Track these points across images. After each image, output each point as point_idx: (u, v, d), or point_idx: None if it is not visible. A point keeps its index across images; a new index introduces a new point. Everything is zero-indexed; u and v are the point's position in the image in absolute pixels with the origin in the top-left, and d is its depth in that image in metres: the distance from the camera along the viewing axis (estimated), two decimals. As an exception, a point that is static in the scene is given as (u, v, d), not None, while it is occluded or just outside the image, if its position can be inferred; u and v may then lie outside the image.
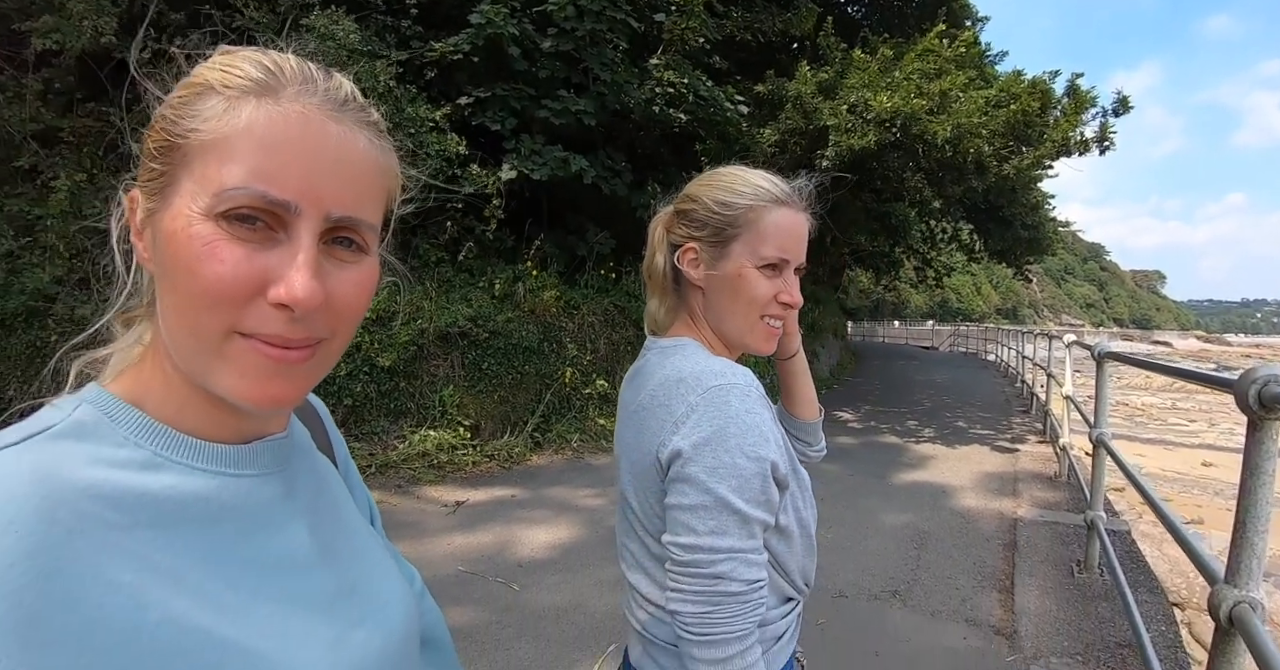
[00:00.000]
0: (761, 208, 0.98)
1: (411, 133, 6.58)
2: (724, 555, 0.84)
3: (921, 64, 8.54)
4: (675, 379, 0.93)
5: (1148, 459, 11.68)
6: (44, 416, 0.46)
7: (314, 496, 0.60)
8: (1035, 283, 77.16)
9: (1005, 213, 13.78)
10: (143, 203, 0.49)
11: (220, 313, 0.45)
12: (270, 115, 0.47)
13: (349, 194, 0.49)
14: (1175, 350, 56.16)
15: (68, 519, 0.40)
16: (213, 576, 0.47)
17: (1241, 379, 1.49)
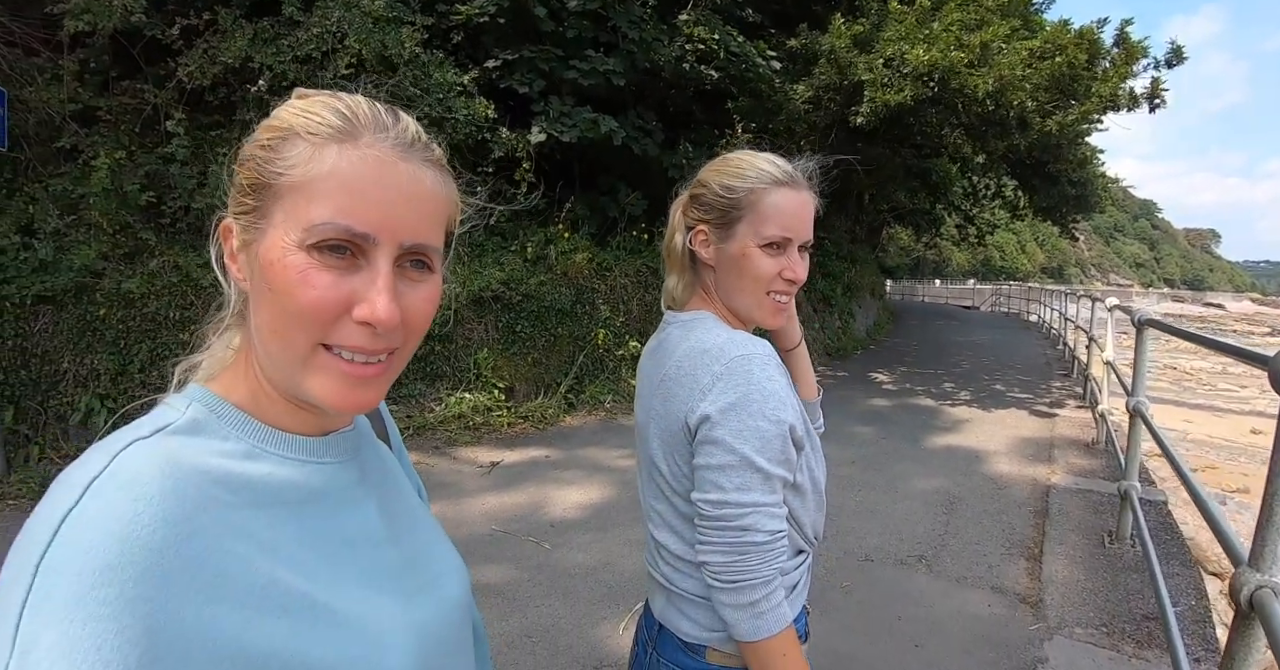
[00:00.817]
0: (762, 190, 1.03)
1: (440, 98, 6.56)
2: (749, 509, 0.94)
3: (962, 14, 8.15)
4: (700, 350, 1.01)
5: (1195, 425, 11.40)
6: (162, 414, 0.55)
7: (380, 480, 0.70)
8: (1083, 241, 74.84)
9: (1051, 168, 13.29)
10: (237, 232, 0.57)
11: (311, 329, 0.54)
12: (350, 159, 0.54)
13: (418, 224, 0.57)
14: (1228, 313, 54.27)
15: (194, 497, 0.49)
16: (304, 549, 0.56)
17: (1277, 357, 1.44)
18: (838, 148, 9.94)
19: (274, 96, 6.07)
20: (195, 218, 5.95)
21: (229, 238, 0.59)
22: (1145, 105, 8.52)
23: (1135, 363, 3.76)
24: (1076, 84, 7.75)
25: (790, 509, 1.05)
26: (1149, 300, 61.34)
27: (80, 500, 0.45)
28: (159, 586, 0.44)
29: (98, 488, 0.46)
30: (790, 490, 1.04)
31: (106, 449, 0.49)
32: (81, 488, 0.46)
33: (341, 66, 6.09)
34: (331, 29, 6.06)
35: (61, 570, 0.42)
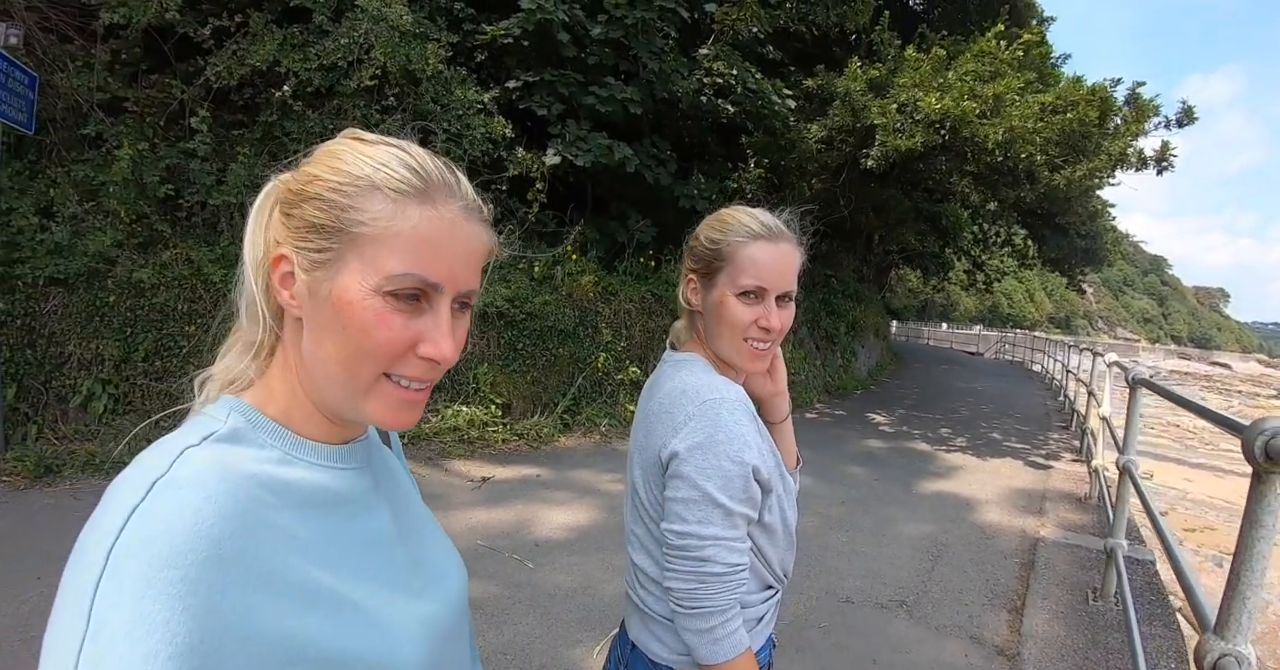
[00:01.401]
0: (740, 242, 1.10)
1: (459, 114, 6.67)
2: (710, 541, 1.00)
3: (976, 65, 8.27)
4: (679, 390, 1.09)
5: (1195, 484, 11.26)
6: (205, 423, 0.60)
7: (389, 485, 0.77)
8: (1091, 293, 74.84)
9: (1061, 220, 13.37)
10: (301, 266, 0.62)
11: (381, 362, 0.61)
12: (430, 219, 0.61)
13: (471, 274, 0.65)
14: (1234, 373, 53.97)
15: (244, 498, 0.55)
16: (332, 548, 0.62)
17: (1250, 428, 1.45)
18: (849, 188, 10.04)
19: (298, 101, 6.23)
20: (211, 213, 6.04)
21: (280, 265, 0.63)
22: (1153, 167, 8.56)
23: (1128, 421, 3.76)
24: (1086, 140, 7.81)
25: (759, 546, 1.12)
26: (1156, 356, 61.09)
27: (146, 497, 0.50)
28: (217, 574, 0.50)
29: (161, 487, 0.51)
30: (759, 529, 1.11)
31: (163, 454, 0.55)
32: (146, 487, 0.51)
33: (366, 77, 6.21)
34: (359, 40, 6.18)
35: (132, 555, 0.47)
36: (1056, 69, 10.78)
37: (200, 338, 5.58)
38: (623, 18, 7.31)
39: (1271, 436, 1.40)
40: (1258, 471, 1.47)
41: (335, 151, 0.64)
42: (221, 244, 5.91)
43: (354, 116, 6.38)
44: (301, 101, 6.29)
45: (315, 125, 6.34)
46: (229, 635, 0.49)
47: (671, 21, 7.73)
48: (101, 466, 4.85)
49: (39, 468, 4.67)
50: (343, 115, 6.40)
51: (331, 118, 6.41)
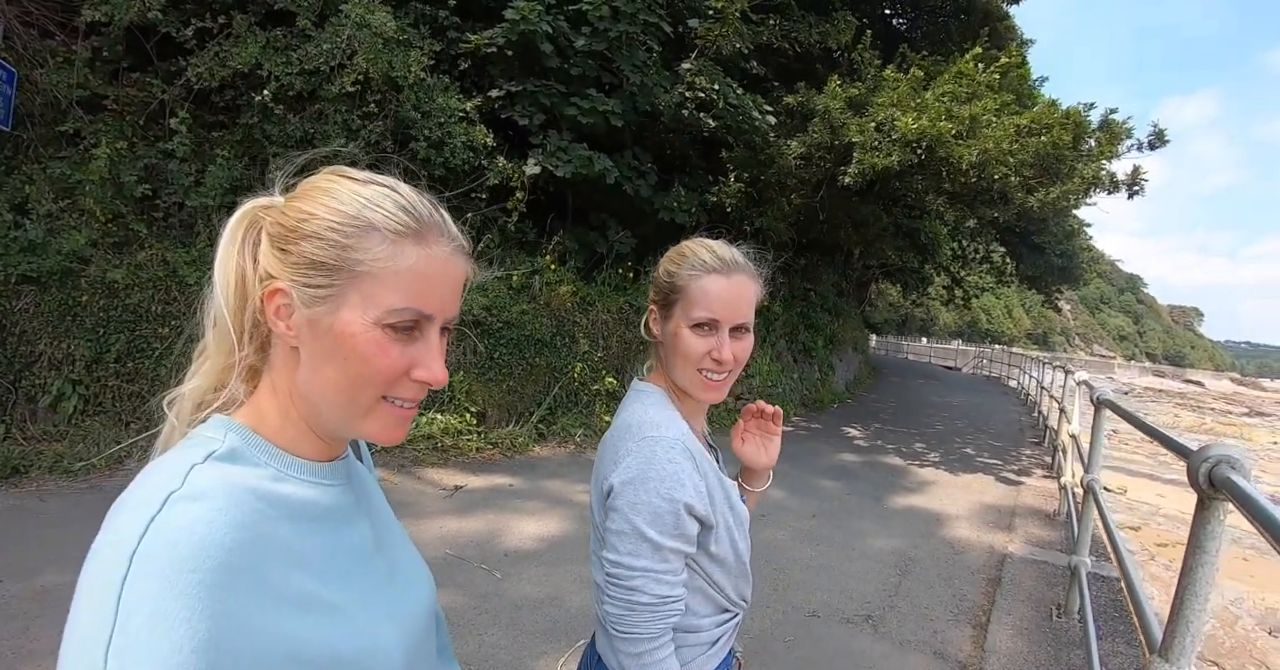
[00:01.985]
0: (693, 275, 1.13)
1: (440, 122, 6.67)
2: (638, 573, 1.04)
3: (954, 86, 8.39)
4: (625, 425, 1.13)
5: (1168, 500, 11.40)
6: (205, 443, 0.64)
7: (367, 499, 0.81)
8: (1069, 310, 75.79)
9: (1038, 239, 13.57)
10: (299, 299, 0.66)
11: (379, 387, 0.67)
12: (425, 258, 0.67)
13: (458, 305, 0.72)
14: (1208, 390, 54.82)
15: (249, 511, 0.59)
16: (322, 558, 0.67)
17: (1195, 454, 1.48)
18: (828, 203, 10.11)
19: (279, 105, 6.20)
20: (188, 215, 5.99)
21: (276, 298, 0.67)
22: (1125, 191, 8.72)
23: (1092, 440, 3.81)
24: (1060, 163, 7.92)
25: (711, 575, 1.16)
26: (1131, 373, 61.90)
27: (163, 509, 0.54)
28: (230, 578, 0.54)
29: (176, 500, 0.55)
30: (708, 559, 1.15)
31: (173, 471, 0.59)
32: (162, 500, 0.55)
33: (348, 83, 6.20)
34: (341, 46, 6.17)
35: (155, 559, 0.51)
36: (1035, 90, 10.96)
37: (173, 340, 5.52)
38: (606, 30, 7.35)
39: (1215, 464, 1.43)
40: (1201, 498, 1.49)
41: (328, 189, 0.68)
42: (198, 246, 5.85)
43: (335, 121, 6.36)
44: (283, 105, 6.27)
45: (296, 129, 6.32)
46: (239, 635, 0.54)
47: (654, 35, 7.78)
48: (70, 469, 4.78)
49: (5, 468, 4.60)
50: (324, 120, 6.38)
51: (313, 122, 6.39)
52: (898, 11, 14.21)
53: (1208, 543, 1.50)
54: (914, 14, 14.05)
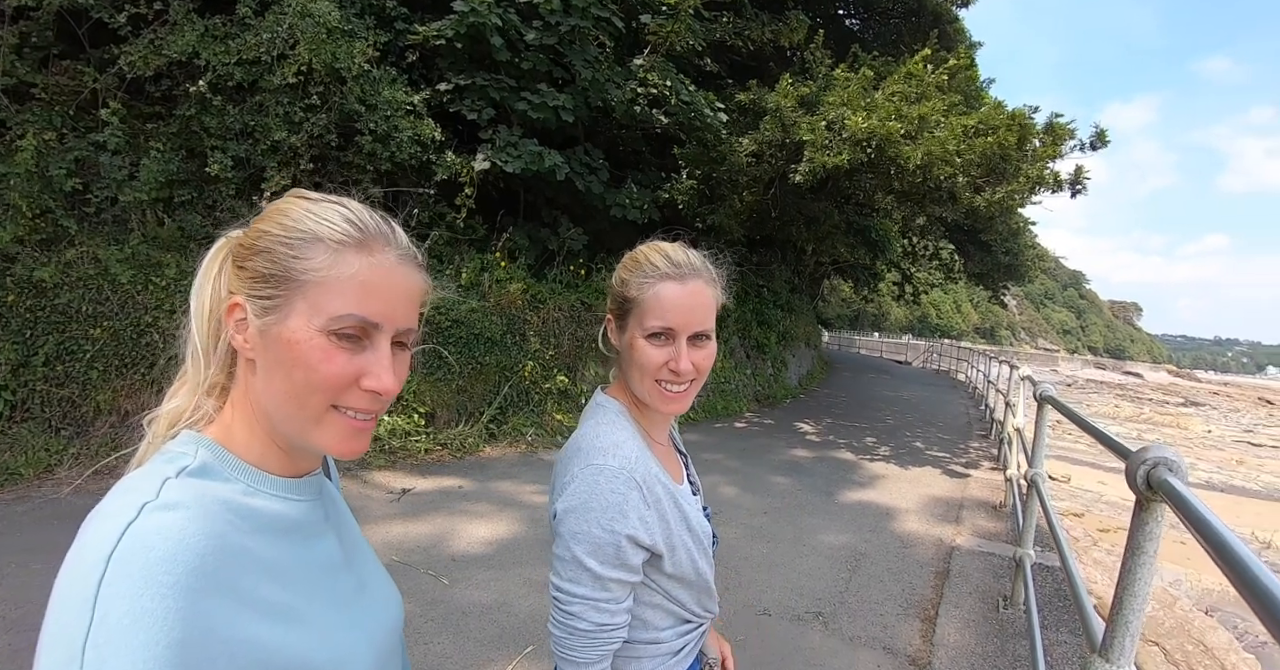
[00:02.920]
0: (646, 283, 1.09)
1: (387, 115, 6.50)
2: (577, 600, 1.03)
3: (903, 87, 8.50)
4: (576, 447, 1.10)
5: (1109, 487, 11.83)
6: (175, 458, 0.66)
7: (336, 516, 0.83)
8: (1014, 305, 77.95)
9: (985, 237, 13.88)
10: (252, 312, 0.68)
11: (327, 395, 0.67)
12: (368, 266, 0.68)
13: (408, 313, 0.72)
14: (1146, 382, 56.98)
15: (220, 521, 0.61)
16: (291, 570, 0.68)
17: (1134, 456, 1.47)
18: (780, 201, 10.17)
19: (217, 96, 5.98)
20: (121, 210, 5.74)
21: (234, 312, 0.70)
22: (1068, 190, 8.94)
23: (1035, 435, 3.88)
24: (1006, 163, 8.09)
25: (672, 593, 1.14)
26: (1074, 365, 64.03)
27: (138, 516, 0.56)
28: (203, 582, 0.56)
29: (150, 509, 0.57)
30: (667, 579, 1.13)
31: (146, 484, 0.61)
32: (137, 509, 0.57)
33: (289, 74, 6.00)
34: (283, 35, 5.97)
35: (131, 561, 0.53)
36: (983, 92, 11.18)
37: (106, 342, 5.28)
38: (557, 24, 7.25)
39: (1153, 466, 1.43)
40: (1140, 499, 1.50)
41: (283, 209, 0.71)
42: (131, 243, 5.60)
43: (276, 113, 6.15)
44: (221, 96, 6.04)
45: (235, 121, 6.09)
46: (211, 637, 0.56)
47: (606, 30, 7.71)
48: (-5, 478, 4.55)
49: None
50: (264, 112, 6.16)
51: (252, 114, 6.16)
52: (850, 12, 14.37)
53: (1146, 544, 1.50)
54: (866, 15, 14.22)
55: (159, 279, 5.56)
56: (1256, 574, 0.87)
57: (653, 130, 8.73)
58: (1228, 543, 1.02)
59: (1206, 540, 1.14)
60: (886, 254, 18.00)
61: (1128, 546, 1.53)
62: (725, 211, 9.74)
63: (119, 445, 5.21)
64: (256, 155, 6.17)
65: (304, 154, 6.28)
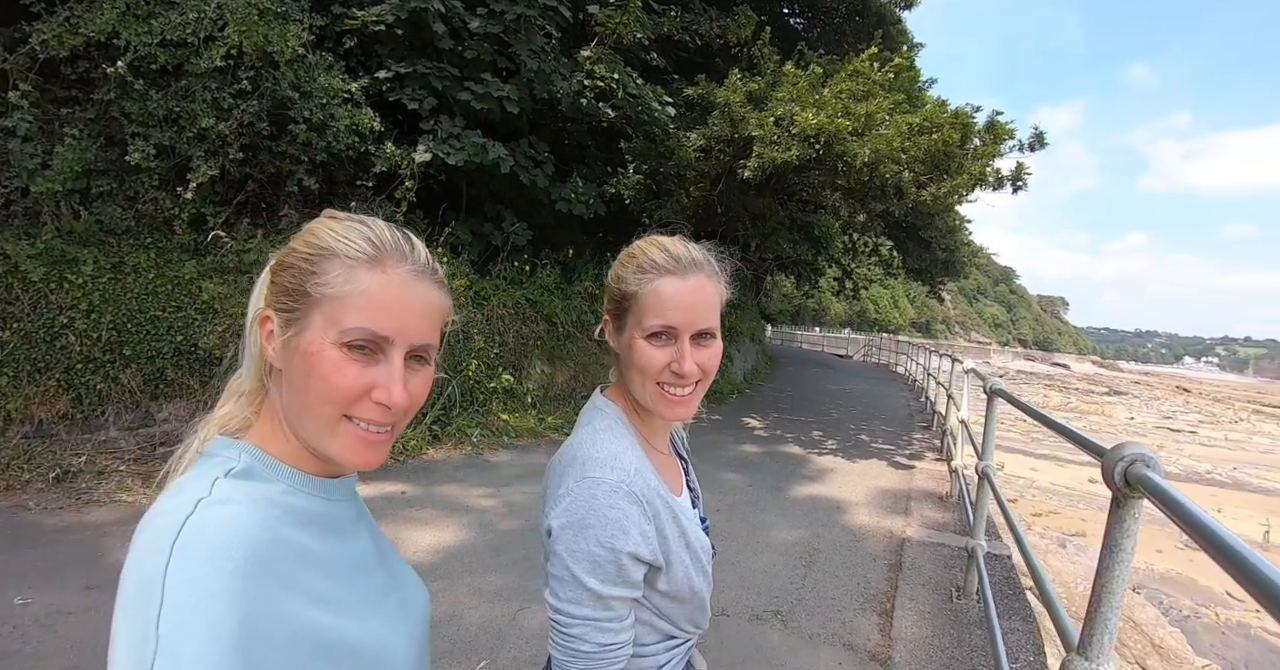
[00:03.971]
0: (644, 279, 1.02)
1: (323, 103, 6.21)
2: (578, 621, 0.96)
3: (850, 84, 8.58)
4: (571, 456, 1.03)
5: (1040, 473, 12.29)
6: (221, 462, 0.70)
7: (366, 515, 0.88)
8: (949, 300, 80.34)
9: (924, 234, 14.16)
10: (277, 324, 0.72)
11: (339, 406, 0.70)
12: (379, 281, 0.71)
13: (423, 329, 0.74)
14: (1072, 372, 59.51)
15: (268, 515, 0.65)
16: (331, 563, 0.72)
17: (1110, 453, 1.45)
18: (726, 197, 10.17)
19: (139, 79, 5.61)
20: (33, 202, 5.35)
21: (266, 325, 0.74)
22: (1009, 186, 9.19)
23: (985, 429, 3.92)
24: (950, 160, 8.26)
25: (659, 608, 1.07)
26: (1005, 357, 66.39)
27: (195, 510, 0.61)
28: (258, 567, 0.60)
29: (206, 504, 0.62)
30: (666, 598, 1.06)
31: (199, 484, 0.65)
32: (193, 504, 0.61)
33: (217, 57, 5.68)
34: (211, 15, 5.65)
35: (192, 547, 0.57)
36: (924, 92, 11.39)
37: (16, 345, 4.92)
38: (503, 13, 7.07)
39: (1131, 462, 1.40)
40: (1116, 496, 1.47)
41: (312, 227, 0.75)
42: (44, 237, 5.23)
43: (203, 99, 5.81)
44: (143, 80, 5.68)
45: (158, 107, 5.74)
46: (267, 615, 0.59)
47: (553, 20, 7.56)
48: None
49: None
50: (190, 97, 5.82)
51: (177, 100, 5.82)
52: (795, 11, 14.48)
53: (1124, 540, 1.48)
54: (811, 14, 14.34)
55: (74, 276, 5.21)
56: (1249, 559, 0.89)
57: (599, 124, 8.62)
58: (1216, 532, 1.02)
59: (1194, 531, 1.13)
60: (828, 250, 18.24)
61: (1105, 543, 1.51)
62: (672, 207, 9.69)
63: (33, 457, 4.87)
64: (181, 144, 5.83)
65: (233, 143, 5.95)
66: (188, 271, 5.76)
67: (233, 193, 6.41)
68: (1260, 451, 20.08)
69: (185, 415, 5.58)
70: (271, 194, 6.65)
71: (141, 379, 5.41)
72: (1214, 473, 14.75)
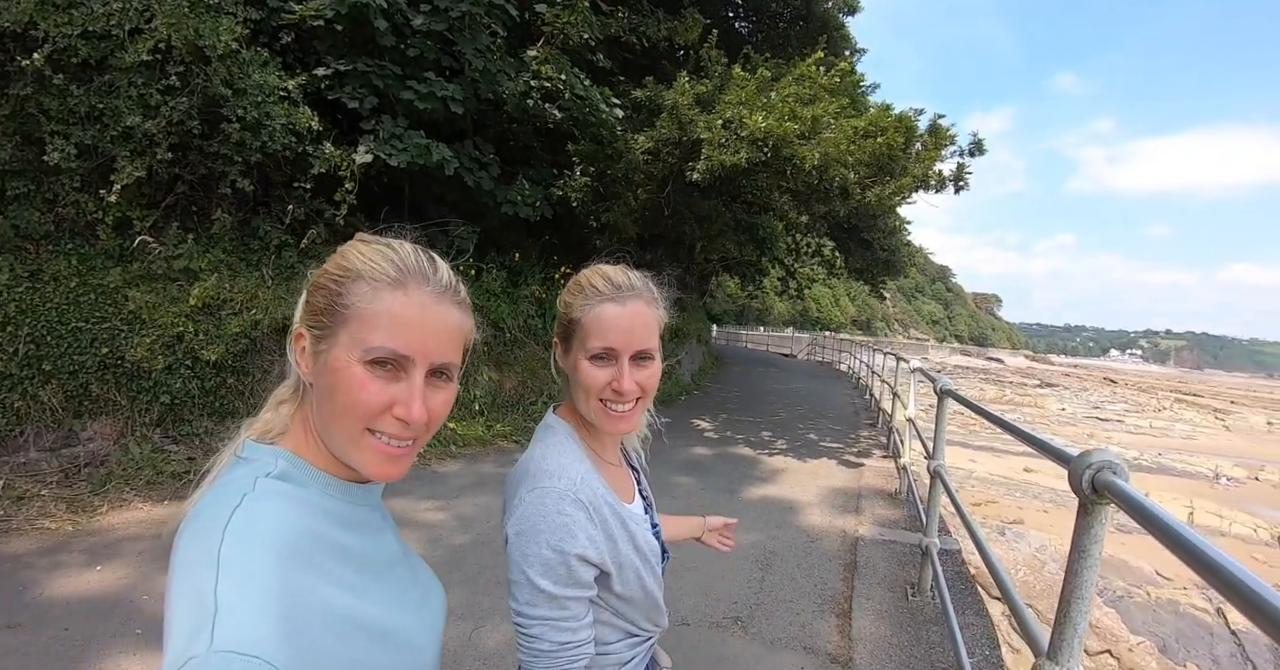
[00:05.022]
0: (588, 305, 1.14)
1: (257, 101, 5.95)
2: (536, 621, 1.05)
3: (797, 88, 8.67)
4: (525, 470, 1.13)
5: (978, 464, 12.66)
6: (260, 465, 0.76)
7: (389, 519, 0.93)
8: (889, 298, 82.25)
9: (866, 234, 14.43)
10: (309, 341, 0.78)
11: (362, 420, 0.75)
12: (401, 302, 0.76)
13: (444, 348, 0.79)
14: (1006, 367, 61.61)
15: (304, 511, 0.74)
16: (360, 558, 0.78)
17: (1077, 460, 1.47)
18: (674, 199, 10.17)
19: (59, 73, 5.29)
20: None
21: (301, 341, 0.80)
22: (951, 187, 9.46)
23: (936, 429, 3.98)
24: (894, 163, 8.43)
25: (621, 612, 1.18)
26: (943, 353, 68.40)
27: (242, 502, 0.68)
28: (298, 553, 0.68)
29: (251, 497, 0.69)
30: (621, 600, 1.16)
31: (243, 481, 0.72)
32: (240, 497, 0.69)
33: (144, 51, 5.39)
34: (137, 6, 5.36)
35: (242, 531, 0.65)
36: (866, 96, 11.59)
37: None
38: (447, 10, 6.90)
39: (1098, 469, 1.42)
40: (1084, 503, 1.48)
41: (343, 250, 0.80)
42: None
43: (129, 95, 5.50)
44: (64, 74, 5.35)
45: (80, 103, 5.41)
46: (308, 593, 0.66)
47: (499, 19, 7.42)
48: None
49: None
50: (115, 93, 5.51)
51: (101, 96, 5.49)
52: (740, 15, 14.58)
53: (1091, 547, 1.50)
54: (756, 19, 14.47)
55: (-12, 284, 4.89)
56: (1220, 562, 0.92)
57: (546, 125, 8.49)
58: (1185, 537, 1.05)
59: (1165, 537, 1.16)
60: (773, 251, 18.46)
61: (1072, 550, 1.53)
62: (620, 209, 9.64)
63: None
64: (105, 142, 5.52)
65: (161, 142, 5.65)
66: (112, 279, 5.46)
67: (161, 195, 6.10)
68: (1183, 438, 21.17)
69: (112, 433, 5.29)
70: (203, 196, 6.36)
71: (63, 395, 5.10)
72: (1141, 459, 15.46)
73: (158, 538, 4.32)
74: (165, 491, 5.07)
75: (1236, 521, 10.40)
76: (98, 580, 3.74)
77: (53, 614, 3.37)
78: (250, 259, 6.35)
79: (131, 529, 4.46)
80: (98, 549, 4.12)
